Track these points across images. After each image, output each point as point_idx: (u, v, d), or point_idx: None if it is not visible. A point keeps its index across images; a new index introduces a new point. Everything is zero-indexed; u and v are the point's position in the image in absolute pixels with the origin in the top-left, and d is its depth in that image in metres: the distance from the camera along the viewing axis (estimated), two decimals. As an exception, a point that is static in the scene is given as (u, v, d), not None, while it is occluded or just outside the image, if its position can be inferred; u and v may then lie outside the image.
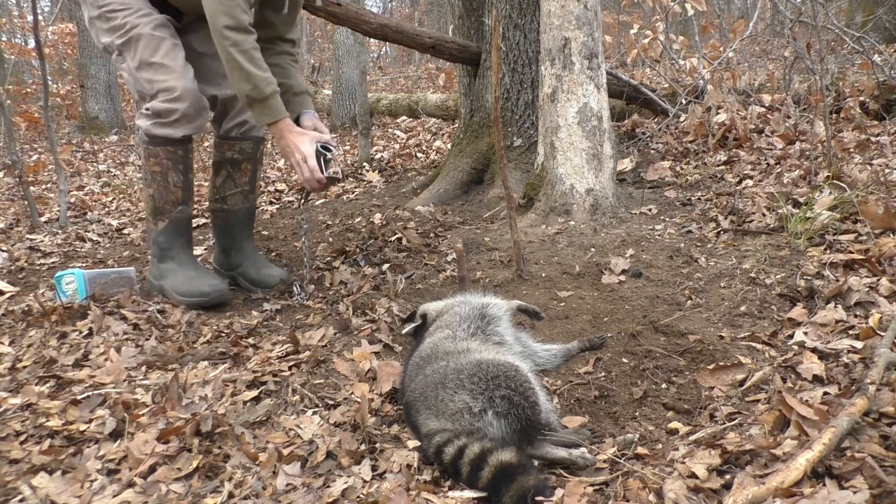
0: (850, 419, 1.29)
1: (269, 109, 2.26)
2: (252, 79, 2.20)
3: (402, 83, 12.86)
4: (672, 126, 4.36)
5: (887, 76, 4.03)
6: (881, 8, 6.51)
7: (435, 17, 19.12)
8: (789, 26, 4.82)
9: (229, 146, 2.59)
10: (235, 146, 2.60)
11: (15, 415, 1.63)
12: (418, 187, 4.18)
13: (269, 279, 2.64)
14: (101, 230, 3.92)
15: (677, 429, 1.56)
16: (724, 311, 2.01)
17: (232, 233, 2.70)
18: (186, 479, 1.42)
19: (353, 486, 1.38)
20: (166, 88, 2.32)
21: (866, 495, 1.14)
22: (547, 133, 3.03)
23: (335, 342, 2.08)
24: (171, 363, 1.99)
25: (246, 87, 2.22)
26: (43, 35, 5.32)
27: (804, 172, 3.09)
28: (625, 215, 2.95)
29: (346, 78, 8.06)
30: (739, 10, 15.94)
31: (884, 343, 1.56)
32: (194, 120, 2.40)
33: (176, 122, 2.36)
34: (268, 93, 2.23)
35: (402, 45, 4.05)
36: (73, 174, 6.31)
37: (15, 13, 17.12)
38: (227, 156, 2.60)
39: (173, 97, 2.32)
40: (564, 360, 1.89)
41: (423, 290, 2.46)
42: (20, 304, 2.42)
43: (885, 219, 2.28)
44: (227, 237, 2.70)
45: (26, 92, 11.74)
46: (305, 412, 1.70)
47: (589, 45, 2.97)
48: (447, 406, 1.50)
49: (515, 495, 1.27)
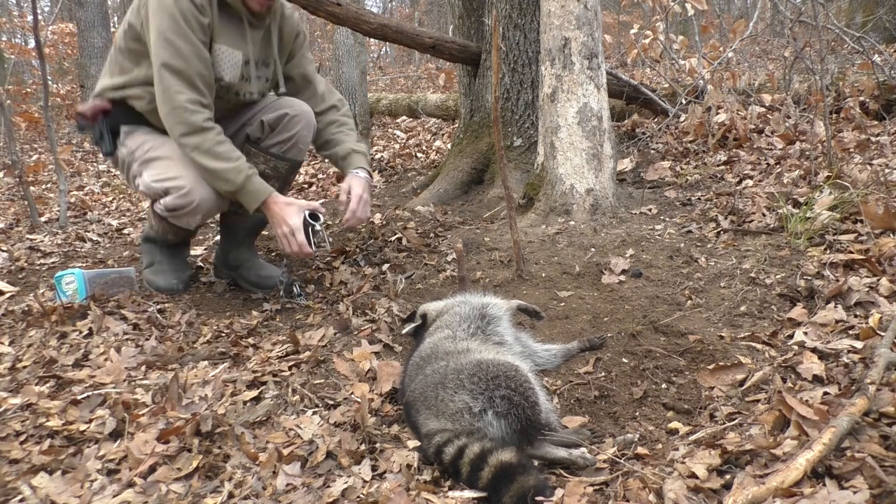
0: (850, 419, 1.29)
1: (251, 195, 2.26)
2: (222, 174, 2.22)
3: (402, 83, 12.86)
4: (672, 126, 4.36)
5: (887, 76, 4.03)
6: (881, 8, 6.51)
7: (435, 17, 19.12)
8: (789, 26, 4.82)
9: (265, 159, 2.51)
10: (271, 161, 2.52)
11: (15, 415, 1.63)
12: (418, 187, 4.18)
13: (268, 281, 2.63)
14: (101, 230, 3.92)
15: (677, 429, 1.56)
16: (724, 311, 2.01)
17: (238, 236, 2.69)
18: (186, 479, 1.42)
19: (353, 486, 1.37)
20: (176, 187, 2.31)
21: (866, 495, 1.14)
22: (547, 133, 3.03)
23: (335, 342, 2.08)
24: (171, 363, 1.99)
25: (221, 185, 2.26)
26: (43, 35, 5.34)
27: (804, 172, 3.09)
28: (625, 215, 2.95)
29: (346, 78, 8.05)
30: (739, 10, 15.94)
31: (884, 343, 1.56)
32: (211, 209, 2.40)
33: (192, 212, 2.35)
34: (240, 181, 2.24)
35: (402, 45, 4.05)
36: (73, 174, 6.31)
37: (15, 13, 17.12)
38: (259, 167, 2.47)
39: (184, 192, 2.30)
40: (564, 360, 1.89)
41: (423, 290, 2.46)
42: (20, 304, 2.42)
43: (885, 219, 2.28)
44: (232, 239, 2.70)
45: (26, 92, 11.74)
46: (305, 412, 1.70)
47: (589, 45, 2.97)
48: (447, 406, 1.50)
49: (515, 495, 1.27)
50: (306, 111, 2.54)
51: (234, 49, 2.36)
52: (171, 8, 2.16)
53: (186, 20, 2.17)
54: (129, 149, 2.45)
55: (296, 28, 2.59)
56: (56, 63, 14.10)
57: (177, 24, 2.16)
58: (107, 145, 2.47)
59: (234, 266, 2.70)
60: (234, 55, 2.36)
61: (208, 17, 2.24)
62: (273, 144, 2.52)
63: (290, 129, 2.50)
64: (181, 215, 2.37)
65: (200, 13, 2.20)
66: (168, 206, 2.33)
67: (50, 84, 8.55)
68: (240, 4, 2.32)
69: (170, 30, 2.17)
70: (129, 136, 2.46)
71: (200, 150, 2.22)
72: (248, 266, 2.68)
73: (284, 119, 2.49)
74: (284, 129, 2.50)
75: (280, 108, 2.51)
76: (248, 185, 2.24)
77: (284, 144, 2.52)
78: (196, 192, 2.31)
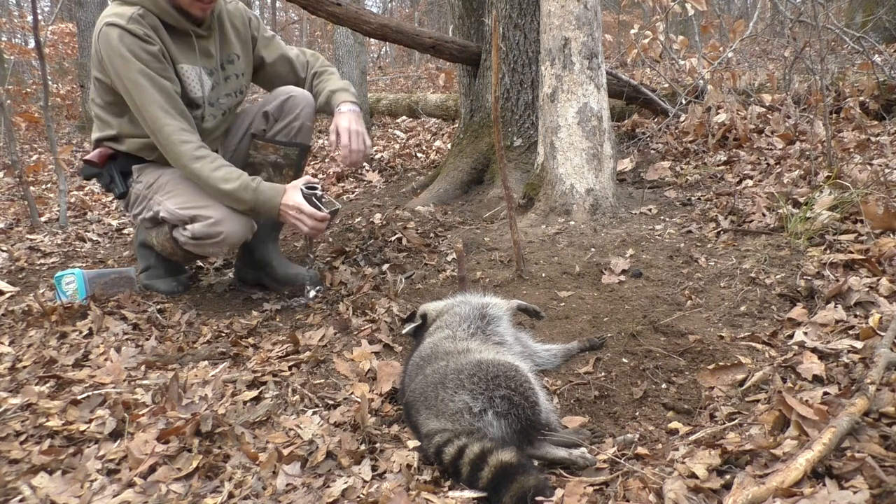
0: (850, 419, 1.29)
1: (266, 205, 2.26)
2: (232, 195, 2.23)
3: (402, 83, 12.85)
4: (672, 126, 4.36)
5: (887, 76, 4.03)
6: (881, 8, 6.51)
7: (435, 17, 19.12)
8: (789, 26, 4.82)
9: (275, 149, 2.52)
10: (281, 150, 2.53)
11: (15, 415, 1.63)
12: (418, 187, 4.18)
13: (296, 278, 2.64)
14: (101, 230, 3.92)
15: (677, 429, 1.56)
16: (724, 311, 2.01)
17: (262, 233, 2.67)
18: (186, 479, 1.42)
19: (353, 486, 1.37)
20: (205, 216, 2.30)
21: (866, 495, 1.14)
22: (547, 133, 3.03)
23: (335, 342, 2.08)
24: (171, 363, 1.99)
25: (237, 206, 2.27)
26: (43, 35, 5.33)
27: (804, 172, 3.08)
28: (625, 215, 2.95)
29: (346, 78, 8.04)
30: (739, 10, 15.95)
31: (884, 343, 1.56)
32: (237, 242, 2.39)
33: (219, 243, 2.33)
34: (250, 197, 2.24)
35: (402, 45, 4.05)
36: (73, 174, 6.30)
37: (15, 13, 17.12)
38: (270, 159, 2.51)
39: (213, 222, 2.28)
40: (564, 360, 1.89)
41: (423, 290, 2.46)
42: (20, 304, 2.42)
43: (885, 219, 2.28)
44: (255, 236, 2.69)
45: (26, 92, 11.74)
46: (305, 412, 1.70)
47: (589, 45, 2.97)
48: (447, 406, 1.50)
49: (515, 495, 1.27)
50: (305, 94, 2.57)
51: (193, 65, 2.39)
52: (119, 50, 2.18)
53: (136, 56, 2.19)
54: (145, 183, 2.44)
55: (243, 16, 2.58)
56: (56, 63, 14.10)
57: (129, 64, 2.18)
58: (119, 187, 2.47)
59: (260, 265, 2.70)
60: (195, 70, 2.39)
61: (156, 44, 2.25)
62: (279, 132, 2.54)
63: (293, 111, 2.52)
64: (207, 245, 2.33)
65: (147, 43, 2.22)
66: (196, 233, 2.30)
67: (50, 84, 8.55)
68: (183, 22, 2.32)
69: (126, 71, 2.19)
70: (143, 172, 2.46)
71: (201, 177, 2.24)
72: (275, 264, 2.67)
73: (286, 104, 2.52)
74: (287, 113, 2.53)
75: (279, 95, 2.55)
76: (259, 197, 2.25)
77: (290, 129, 2.54)
78: (225, 224, 2.29)
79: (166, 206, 2.34)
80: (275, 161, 2.52)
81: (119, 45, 2.18)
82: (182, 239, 2.35)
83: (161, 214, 2.36)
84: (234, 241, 2.36)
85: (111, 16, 2.22)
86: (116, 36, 2.18)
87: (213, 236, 2.30)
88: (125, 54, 2.18)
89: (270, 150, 2.52)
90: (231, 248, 2.44)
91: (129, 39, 2.18)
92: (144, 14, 2.23)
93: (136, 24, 2.20)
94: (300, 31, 18.03)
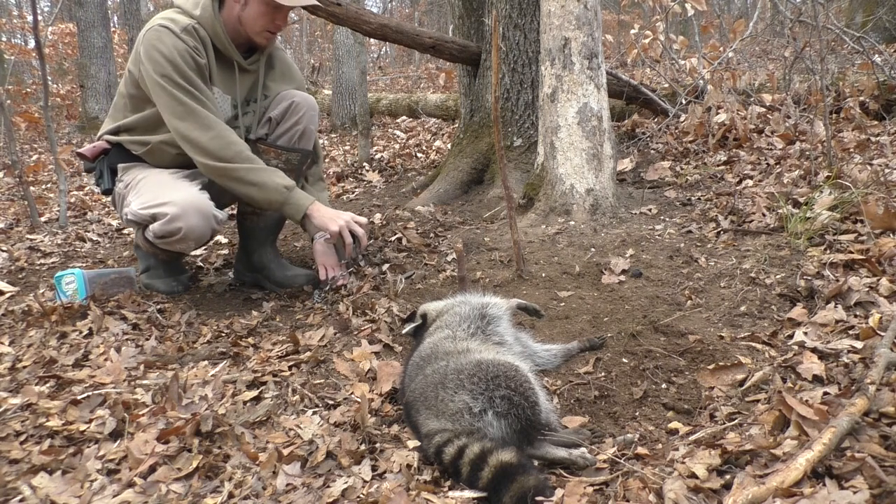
0: (850, 419, 1.29)
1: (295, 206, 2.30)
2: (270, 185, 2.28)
3: (402, 83, 12.85)
4: (672, 126, 4.36)
5: (887, 76, 4.03)
6: (881, 8, 6.51)
7: (435, 17, 19.12)
8: (789, 26, 4.82)
9: (276, 154, 2.53)
10: (283, 155, 2.53)
11: (15, 415, 1.63)
12: (418, 187, 4.18)
13: (295, 280, 2.64)
14: (101, 230, 3.92)
15: (677, 429, 1.56)
16: (724, 311, 2.01)
17: (259, 236, 2.68)
18: (186, 479, 1.42)
19: (353, 486, 1.37)
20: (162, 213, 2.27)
21: (866, 495, 1.14)
22: (547, 133, 3.03)
23: (335, 342, 2.08)
24: (171, 363, 1.99)
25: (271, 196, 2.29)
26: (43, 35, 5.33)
27: (804, 172, 3.08)
28: (625, 215, 2.94)
29: (346, 78, 8.05)
30: (739, 10, 15.95)
31: (884, 343, 1.56)
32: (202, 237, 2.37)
33: (181, 240, 2.31)
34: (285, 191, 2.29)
35: (402, 45, 4.05)
36: (73, 174, 6.30)
37: (15, 13, 17.12)
38: (271, 163, 2.49)
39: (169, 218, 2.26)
40: (564, 360, 1.89)
41: (423, 290, 2.46)
42: (20, 304, 2.42)
43: (885, 219, 2.28)
44: (253, 240, 2.69)
45: (26, 92, 11.74)
46: (305, 412, 1.70)
47: (589, 45, 2.97)
48: (447, 406, 1.50)
49: (515, 495, 1.27)
50: (308, 99, 2.59)
51: (225, 93, 2.44)
52: (169, 52, 2.22)
53: (187, 63, 2.24)
54: (125, 183, 2.47)
55: (293, 73, 2.68)
56: (56, 63, 14.10)
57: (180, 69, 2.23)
58: (105, 183, 2.51)
59: (259, 267, 2.70)
60: (225, 99, 2.44)
61: (204, 58, 2.30)
62: (280, 135, 2.55)
63: (295, 115, 2.54)
64: (172, 242, 2.33)
65: (196, 54, 2.27)
66: (157, 232, 2.30)
67: (50, 84, 8.54)
68: (231, 51, 2.37)
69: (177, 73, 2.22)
70: (127, 171, 2.49)
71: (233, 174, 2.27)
72: (273, 266, 2.68)
73: (289, 109, 2.54)
74: (290, 117, 2.54)
75: (283, 100, 2.56)
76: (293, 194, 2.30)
77: (293, 134, 2.55)
78: (182, 220, 2.25)
79: (132, 207, 2.35)
80: (276, 166, 2.51)
81: (167, 49, 2.21)
82: (151, 239, 2.36)
83: (129, 217, 2.37)
84: (197, 236, 2.34)
85: (166, 20, 2.27)
86: (168, 40, 2.22)
87: (174, 233, 2.28)
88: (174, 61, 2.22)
89: (272, 154, 2.52)
90: (198, 243, 2.43)
91: (181, 45, 2.23)
92: (198, 28, 2.29)
93: (188, 34, 2.26)
94: (300, 31, 18.03)
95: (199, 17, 2.29)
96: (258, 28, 2.34)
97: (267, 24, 2.35)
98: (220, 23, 2.31)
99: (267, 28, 2.36)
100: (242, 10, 2.31)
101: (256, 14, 2.30)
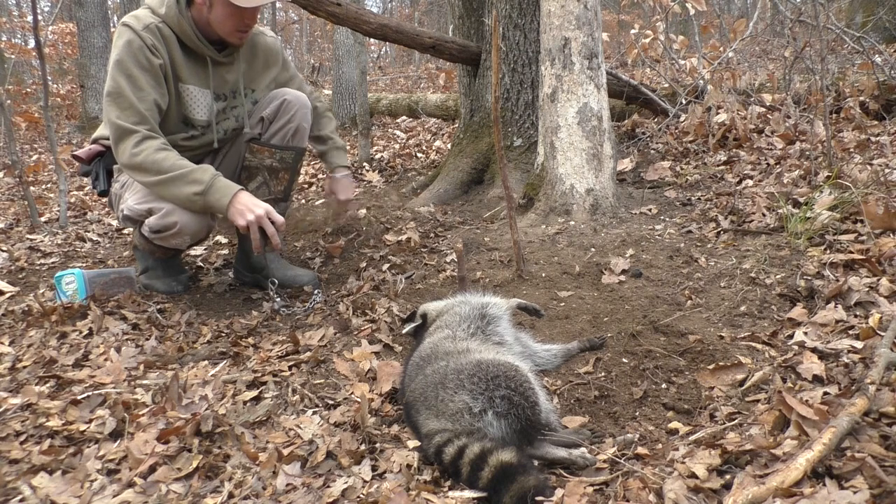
0: (850, 419, 1.29)
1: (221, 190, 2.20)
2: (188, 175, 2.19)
3: (402, 83, 12.85)
4: (672, 126, 4.36)
5: (887, 76, 4.03)
6: (881, 8, 6.51)
7: (435, 17, 19.12)
8: (789, 26, 4.82)
9: (270, 153, 2.52)
10: (277, 154, 2.52)
11: (15, 415, 1.63)
12: (418, 187, 4.18)
13: (296, 280, 2.63)
14: (101, 230, 3.92)
15: (677, 429, 1.56)
16: (724, 311, 2.01)
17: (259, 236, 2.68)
18: (186, 479, 1.42)
19: (353, 486, 1.37)
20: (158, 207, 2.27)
21: (866, 495, 1.14)
22: (547, 133, 3.03)
23: (335, 342, 2.08)
24: (171, 363, 1.99)
25: (190, 188, 2.19)
26: (43, 35, 5.33)
27: (804, 172, 3.08)
28: (625, 215, 2.94)
29: (346, 78, 8.05)
30: (739, 10, 15.95)
31: (884, 343, 1.56)
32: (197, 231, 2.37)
33: (176, 234, 2.32)
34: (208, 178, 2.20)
35: (402, 45, 4.05)
36: (73, 174, 6.30)
37: (15, 13, 17.13)
38: (266, 163, 2.50)
39: (165, 212, 2.27)
40: (564, 360, 1.89)
41: (423, 290, 2.46)
42: (20, 304, 2.42)
43: (885, 219, 2.28)
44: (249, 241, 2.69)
45: (26, 92, 11.74)
46: (305, 412, 1.70)
47: (589, 45, 2.97)
48: (447, 406, 1.50)
49: (515, 495, 1.27)
50: (301, 97, 2.58)
51: (203, 88, 2.43)
52: (123, 45, 2.23)
53: (136, 58, 2.23)
54: (121, 182, 2.49)
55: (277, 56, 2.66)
56: (56, 63, 14.10)
57: (124, 62, 2.23)
58: (101, 184, 2.52)
59: (258, 267, 2.70)
60: (204, 94, 2.43)
61: (161, 58, 2.28)
62: (273, 134, 2.55)
63: (287, 113, 2.54)
64: (167, 237, 2.34)
65: (153, 53, 2.26)
66: (152, 227, 2.31)
67: (50, 84, 8.55)
68: (202, 47, 2.37)
69: (118, 64, 2.23)
70: (122, 171, 2.48)
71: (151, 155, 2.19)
72: (271, 267, 2.67)
73: (281, 107, 2.54)
74: (282, 115, 2.54)
75: (274, 98, 2.56)
76: (217, 182, 2.21)
77: (286, 132, 2.55)
78: (178, 214, 2.27)
79: (128, 203, 2.36)
80: (270, 164, 2.52)
81: (122, 43, 2.23)
82: (147, 235, 2.37)
83: (125, 213, 2.38)
84: (193, 231, 2.35)
85: (133, 17, 2.28)
86: (126, 35, 2.24)
87: (169, 227, 2.29)
88: (125, 51, 2.22)
89: (266, 153, 2.52)
90: (193, 238, 2.43)
91: (137, 42, 2.23)
92: (162, 27, 2.28)
93: (149, 32, 2.25)
94: (300, 31, 18.03)
95: (164, 16, 2.29)
96: (228, 29, 2.33)
97: (236, 25, 2.33)
98: (187, 19, 2.31)
99: (237, 28, 2.34)
100: (209, 12, 2.30)
101: (223, 16, 2.30)
